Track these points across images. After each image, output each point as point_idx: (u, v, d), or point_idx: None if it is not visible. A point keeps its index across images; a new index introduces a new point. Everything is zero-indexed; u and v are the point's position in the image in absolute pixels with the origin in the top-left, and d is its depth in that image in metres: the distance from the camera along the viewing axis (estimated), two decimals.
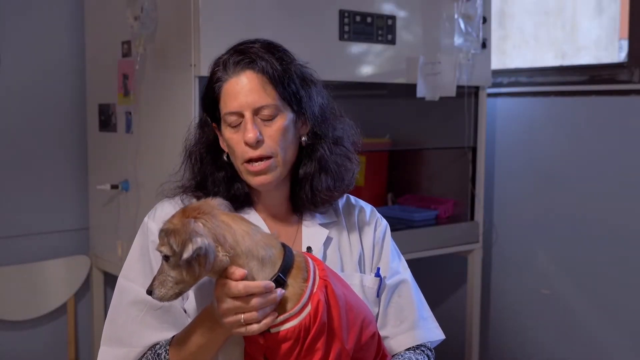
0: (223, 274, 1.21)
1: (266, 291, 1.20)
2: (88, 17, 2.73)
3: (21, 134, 2.69)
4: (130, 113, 2.44)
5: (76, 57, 2.76)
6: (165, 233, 1.18)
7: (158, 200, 1.47)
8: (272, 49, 1.39)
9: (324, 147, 1.43)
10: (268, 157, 1.35)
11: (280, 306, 1.22)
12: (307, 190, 1.43)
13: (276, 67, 1.36)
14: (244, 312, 1.19)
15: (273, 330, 1.22)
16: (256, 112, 1.35)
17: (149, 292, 1.22)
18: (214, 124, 1.43)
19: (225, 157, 1.42)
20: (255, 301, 1.19)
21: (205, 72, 2.03)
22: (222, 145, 1.43)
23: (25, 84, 2.68)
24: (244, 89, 1.34)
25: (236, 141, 1.36)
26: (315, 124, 1.42)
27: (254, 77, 1.35)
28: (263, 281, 1.20)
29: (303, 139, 1.42)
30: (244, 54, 1.36)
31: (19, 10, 2.65)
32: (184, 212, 1.21)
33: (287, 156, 1.39)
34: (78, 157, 2.80)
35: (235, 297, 1.19)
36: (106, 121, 2.61)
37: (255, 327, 1.20)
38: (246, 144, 1.34)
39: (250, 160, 1.35)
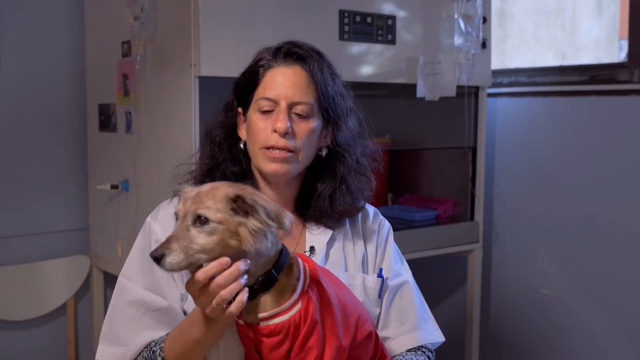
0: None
1: (222, 267, 1.15)
2: (88, 17, 2.73)
3: (21, 133, 2.69)
4: (130, 113, 2.44)
5: (76, 57, 2.76)
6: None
7: (172, 186, 1.46)
8: (321, 54, 1.42)
9: (346, 164, 1.44)
10: (290, 150, 1.36)
11: (271, 301, 1.22)
12: (322, 203, 1.43)
13: (325, 71, 1.39)
14: (213, 297, 1.16)
15: (262, 324, 1.22)
16: (291, 106, 1.36)
17: (159, 257, 1.13)
18: (239, 109, 1.44)
19: (242, 145, 1.43)
20: (217, 280, 1.15)
21: (205, 72, 2.06)
22: (240, 133, 1.44)
23: (25, 84, 2.68)
24: (288, 81, 1.37)
25: (261, 127, 1.37)
26: (343, 140, 1.44)
27: (302, 74, 1.37)
28: (215, 261, 1.16)
29: (323, 152, 1.44)
30: (298, 48, 1.39)
31: (19, 10, 2.65)
32: (237, 185, 1.21)
33: (306, 157, 1.40)
34: (78, 157, 2.80)
35: (202, 288, 1.16)
36: (106, 121, 2.61)
37: (232, 308, 1.17)
38: (275, 131, 1.35)
39: (272, 148, 1.36)
